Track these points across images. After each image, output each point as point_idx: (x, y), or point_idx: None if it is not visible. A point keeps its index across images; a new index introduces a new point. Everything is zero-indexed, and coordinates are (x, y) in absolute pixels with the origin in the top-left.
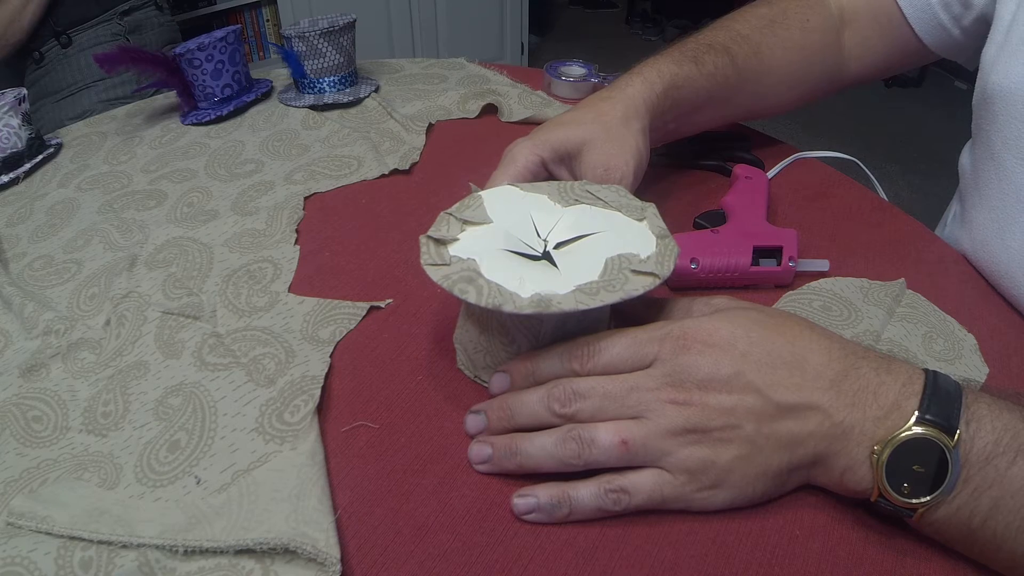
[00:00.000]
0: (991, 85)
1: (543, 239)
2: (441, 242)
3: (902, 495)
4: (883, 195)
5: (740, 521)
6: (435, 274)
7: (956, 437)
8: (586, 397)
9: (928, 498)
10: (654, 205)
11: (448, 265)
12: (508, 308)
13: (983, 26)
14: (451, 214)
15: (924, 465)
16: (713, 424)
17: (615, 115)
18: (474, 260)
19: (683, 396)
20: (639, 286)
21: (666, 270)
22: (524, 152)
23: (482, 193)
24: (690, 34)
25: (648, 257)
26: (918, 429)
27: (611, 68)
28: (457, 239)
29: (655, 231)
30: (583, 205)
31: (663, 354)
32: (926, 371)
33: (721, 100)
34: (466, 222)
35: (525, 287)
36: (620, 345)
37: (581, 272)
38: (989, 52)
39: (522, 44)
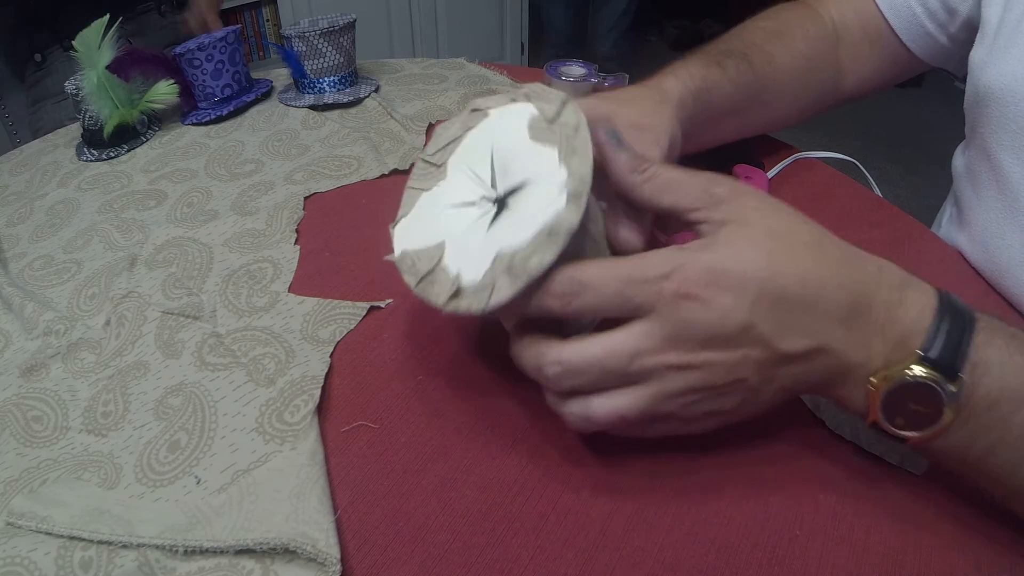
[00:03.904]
0: (983, 86)
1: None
2: (413, 257)
3: (897, 427)
4: (880, 196)
5: (740, 521)
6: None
7: (958, 381)
8: (583, 374)
9: (918, 434)
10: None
11: (423, 278)
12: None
13: (970, 32)
14: (422, 158)
15: (922, 404)
16: (719, 382)
17: (650, 98)
18: (442, 245)
19: (687, 359)
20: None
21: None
22: None
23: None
24: (690, 33)
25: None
26: (919, 370)
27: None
28: (410, 213)
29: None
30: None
31: (661, 306)
32: (939, 305)
33: (741, 108)
34: (427, 162)
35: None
36: (611, 288)
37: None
38: (978, 54)
39: (522, 44)
